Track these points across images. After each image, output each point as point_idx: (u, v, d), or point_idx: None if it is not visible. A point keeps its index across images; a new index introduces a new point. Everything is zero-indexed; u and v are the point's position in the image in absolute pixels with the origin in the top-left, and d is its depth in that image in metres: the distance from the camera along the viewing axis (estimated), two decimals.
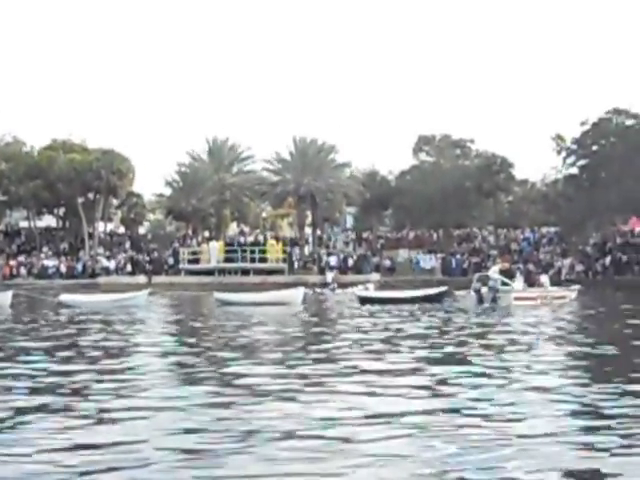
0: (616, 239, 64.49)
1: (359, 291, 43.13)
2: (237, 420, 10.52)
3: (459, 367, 15.34)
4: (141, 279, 64.32)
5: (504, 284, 37.58)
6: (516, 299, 36.51)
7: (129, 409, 11.48)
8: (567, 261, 62.23)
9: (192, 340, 22.44)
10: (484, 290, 37.43)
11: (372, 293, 43.30)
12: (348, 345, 20.26)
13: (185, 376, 15.24)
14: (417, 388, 12.92)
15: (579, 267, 61.73)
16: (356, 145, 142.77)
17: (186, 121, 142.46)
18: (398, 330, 24.21)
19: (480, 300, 36.99)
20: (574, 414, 10.80)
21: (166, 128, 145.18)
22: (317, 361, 16.88)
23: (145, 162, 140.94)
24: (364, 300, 39.70)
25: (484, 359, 16.80)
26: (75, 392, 13.21)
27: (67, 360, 17.57)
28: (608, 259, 61.64)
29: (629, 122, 63.72)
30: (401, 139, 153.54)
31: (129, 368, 16.23)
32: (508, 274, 39.08)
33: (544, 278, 40.38)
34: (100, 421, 10.79)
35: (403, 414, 10.84)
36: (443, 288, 41.18)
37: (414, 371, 15.11)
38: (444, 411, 11.02)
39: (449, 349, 18.91)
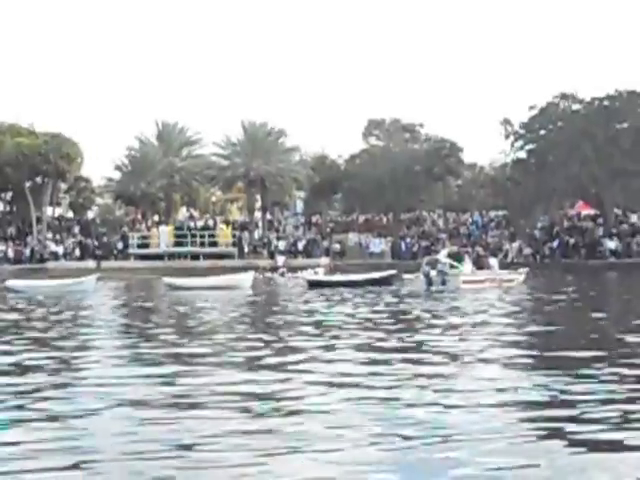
0: (563, 223, 65.01)
1: (308, 275, 43.11)
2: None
3: (399, 354, 15.18)
4: (90, 264, 63.61)
5: (453, 267, 37.72)
6: (465, 282, 36.64)
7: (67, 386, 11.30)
8: (515, 244, 62.55)
9: (137, 323, 22.20)
10: (433, 273, 37.51)
11: (321, 277, 43.37)
12: (288, 328, 20.26)
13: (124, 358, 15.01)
14: (353, 376, 12.59)
15: (527, 250, 62.07)
16: (306, 129, 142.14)
17: (135, 105, 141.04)
18: (344, 314, 24.09)
19: (429, 283, 37.09)
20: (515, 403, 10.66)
21: (115, 112, 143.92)
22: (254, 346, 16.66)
23: (94, 146, 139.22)
24: (313, 284, 39.71)
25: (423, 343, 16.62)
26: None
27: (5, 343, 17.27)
28: (555, 242, 62.09)
29: (575, 107, 64.14)
30: (351, 123, 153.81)
31: (75, 349, 16.04)
32: (457, 257, 39.20)
33: (493, 261, 40.64)
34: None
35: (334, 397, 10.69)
36: (391, 272, 41.28)
37: (351, 358, 14.73)
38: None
39: (390, 333, 18.71)
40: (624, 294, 33.49)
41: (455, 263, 38.06)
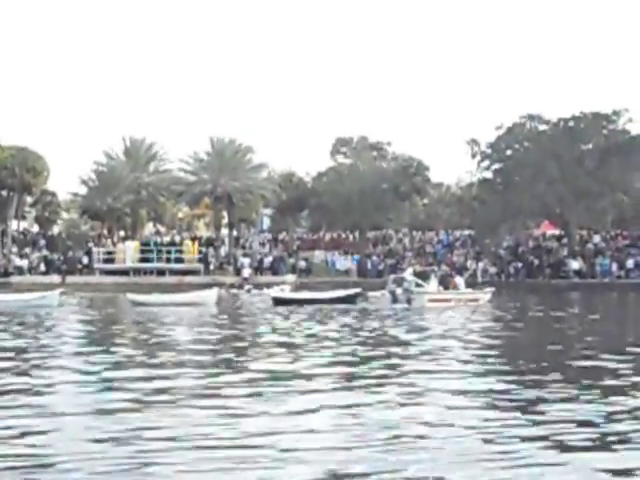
0: (528, 242, 65.07)
1: (273, 292, 42.74)
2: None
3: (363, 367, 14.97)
4: (55, 279, 62.76)
5: (418, 286, 37.48)
6: (430, 301, 36.42)
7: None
8: (481, 264, 62.47)
9: (97, 339, 21.84)
10: (399, 291, 37.26)
11: (285, 294, 42.97)
12: (251, 345, 20.10)
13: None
14: (318, 392, 12.44)
15: (492, 270, 62.09)
16: (273, 146, 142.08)
17: (102, 120, 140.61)
18: (307, 331, 23.84)
19: (395, 301, 36.85)
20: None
21: (82, 126, 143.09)
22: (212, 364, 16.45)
23: (60, 161, 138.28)
24: (278, 301, 39.35)
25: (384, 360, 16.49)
26: None
27: None
28: (520, 262, 62.15)
29: (542, 127, 64.37)
30: (319, 141, 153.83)
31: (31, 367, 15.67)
32: (423, 276, 38.96)
33: (459, 280, 40.41)
34: None
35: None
36: (356, 290, 41.01)
37: (315, 374, 14.58)
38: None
39: (353, 350, 18.52)
40: (586, 315, 33.40)
41: (420, 282, 37.82)
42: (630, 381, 13.45)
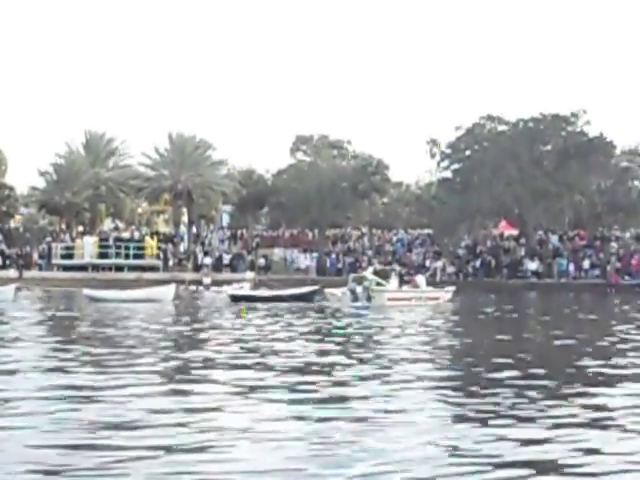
0: (486, 242, 64.93)
1: (231, 289, 42.13)
2: None
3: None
4: (12, 273, 61.67)
5: (379, 284, 37.01)
6: (390, 299, 35.98)
7: None
8: (439, 263, 62.20)
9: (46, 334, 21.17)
10: (359, 290, 36.76)
11: (243, 291, 42.35)
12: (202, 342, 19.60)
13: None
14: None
15: (450, 269, 61.88)
16: (233, 143, 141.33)
17: (61, 113, 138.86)
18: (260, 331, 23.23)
19: (355, 299, 36.38)
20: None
21: (42, 120, 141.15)
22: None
23: (19, 154, 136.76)
24: (235, 298, 38.83)
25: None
26: None
27: None
28: (479, 262, 62.02)
29: (501, 128, 64.31)
30: (279, 138, 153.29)
31: None
32: (383, 275, 38.48)
33: (420, 279, 39.99)
34: None
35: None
36: (314, 287, 40.55)
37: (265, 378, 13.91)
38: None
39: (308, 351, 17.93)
40: (540, 315, 33.16)
41: (381, 280, 37.34)
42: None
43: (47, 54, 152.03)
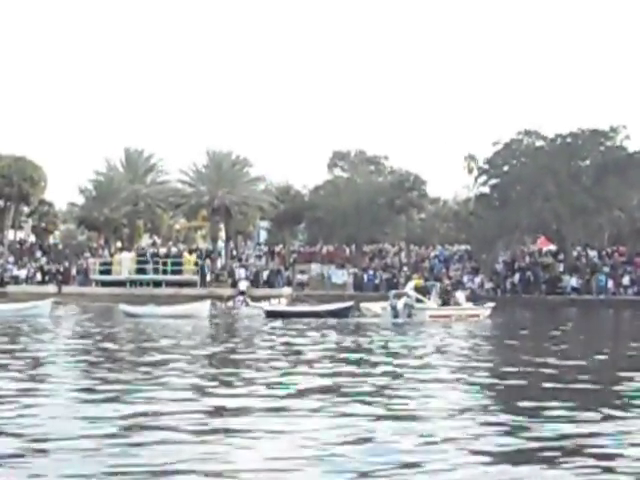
0: (525, 258, 63.81)
1: (266, 305, 41.32)
2: None
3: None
4: (51, 289, 61.49)
5: (419, 301, 36.08)
6: (431, 316, 35.05)
7: None
8: (477, 279, 61.15)
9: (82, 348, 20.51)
10: (400, 306, 35.82)
11: (278, 307, 41.48)
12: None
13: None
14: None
15: (488, 285, 60.77)
16: (271, 159, 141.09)
17: (101, 130, 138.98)
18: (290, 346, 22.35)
19: (396, 316, 35.45)
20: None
21: (81, 137, 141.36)
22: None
23: (58, 171, 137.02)
24: (270, 314, 38.07)
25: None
26: None
27: None
28: (517, 277, 60.87)
29: (539, 143, 63.33)
30: (316, 154, 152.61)
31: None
32: (423, 291, 37.53)
33: (459, 295, 39.04)
34: None
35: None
36: (349, 303, 39.67)
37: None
38: None
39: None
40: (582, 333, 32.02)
41: (421, 297, 36.40)
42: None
43: (87, 72, 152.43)
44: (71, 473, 7.86)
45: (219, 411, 11.47)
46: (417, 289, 37.50)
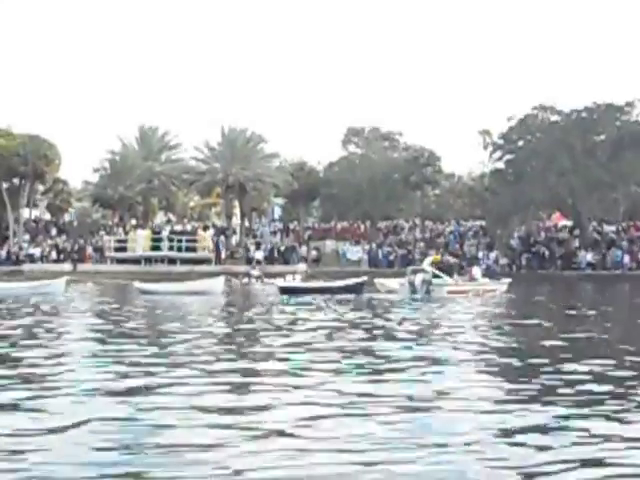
0: (540, 233, 63.22)
1: (280, 281, 40.89)
2: None
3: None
4: (66, 267, 61.12)
5: (436, 277, 35.54)
6: (449, 292, 34.52)
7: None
8: (492, 254, 60.59)
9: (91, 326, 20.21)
10: (417, 282, 35.30)
11: (292, 283, 41.03)
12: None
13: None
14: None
15: (503, 260, 60.15)
16: (285, 136, 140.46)
17: (114, 108, 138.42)
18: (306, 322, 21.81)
19: (414, 292, 34.96)
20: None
21: (94, 115, 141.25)
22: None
23: (72, 149, 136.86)
24: (284, 290, 37.71)
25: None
26: None
27: None
28: (532, 253, 60.28)
29: (554, 118, 62.74)
30: (330, 131, 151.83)
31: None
32: (441, 267, 36.97)
33: (475, 270, 38.46)
34: None
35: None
36: (362, 278, 39.19)
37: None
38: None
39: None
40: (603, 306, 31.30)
41: (438, 272, 35.85)
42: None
43: (101, 49, 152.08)
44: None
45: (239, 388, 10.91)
46: (434, 264, 36.99)
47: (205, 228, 69.54)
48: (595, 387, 10.72)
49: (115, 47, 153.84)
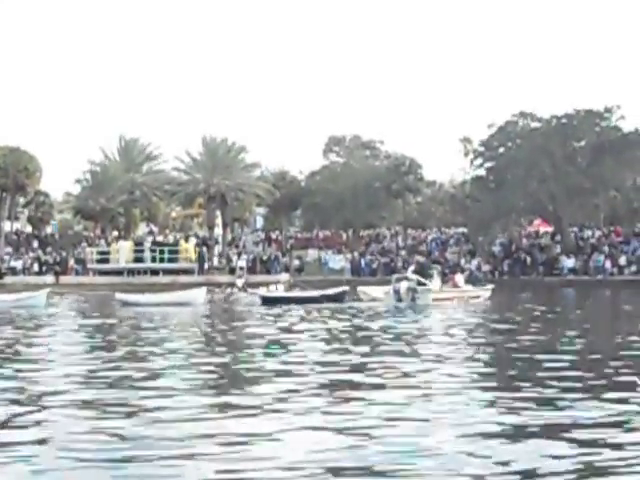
0: (521, 240, 63.11)
1: (262, 291, 40.50)
2: None
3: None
4: (48, 279, 60.62)
5: (420, 284, 35.30)
6: (434, 300, 34.29)
7: None
8: (474, 261, 60.39)
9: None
10: (403, 290, 35.04)
11: (274, 293, 40.61)
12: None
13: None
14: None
15: (486, 267, 59.95)
16: (266, 145, 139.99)
17: (96, 120, 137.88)
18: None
19: (399, 300, 34.69)
20: None
21: (75, 127, 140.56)
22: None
23: (53, 161, 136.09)
24: (266, 300, 37.30)
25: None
26: None
27: None
28: (514, 259, 60.10)
29: (534, 125, 62.69)
30: (311, 140, 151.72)
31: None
32: (424, 273, 36.68)
33: (458, 277, 38.30)
34: None
35: None
36: (344, 288, 38.89)
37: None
38: None
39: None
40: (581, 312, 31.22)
41: (422, 279, 35.59)
42: None
43: (81, 61, 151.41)
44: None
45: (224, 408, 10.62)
46: (417, 271, 36.76)
47: (187, 239, 69.04)
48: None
49: (94, 59, 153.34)
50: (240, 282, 54.03)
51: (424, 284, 35.36)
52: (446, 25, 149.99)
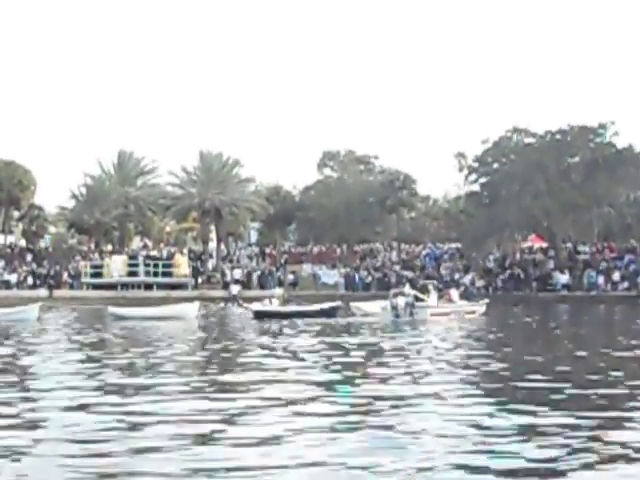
0: (515, 255, 62.76)
1: (254, 306, 40.07)
2: None
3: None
4: (42, 293, 60.08)
5: (418, 299, 34.99)
6: (432, 315, 33.99)
7: None
8: (469, 276, 59.99)
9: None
10: (401, 305, 34.65)
11: (266, 308, 40.15)
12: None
13: None
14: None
15: (480, 282, 59.54)
16: (261, 160, 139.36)
17: (91, 134, 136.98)
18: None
19: (397, 315, 34.31)
20: None
21: (70, 141, 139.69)
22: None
23: (48, 175, 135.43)
24: (258, 314, 36.90)
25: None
26: None
27: None
28: (508, 275, 59.70)
29: (528, 140, 62.45)
30: (306, 154, 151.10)
31: None
32: (422, 290, 36.48)
33: (453, 293, 38.03)
34: None
35: None
36: (336, 303, 38.52)
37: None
38: None
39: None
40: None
41: (420, 295, 35.32)
42: None
43: (77, 75, 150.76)
44: None
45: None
46: (415, 287, 36.60)
47: (181, 253, 68.60)
48: None
49: (90, 73, 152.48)
50: (236, 289, 53.82)
51: (422, 299, 35.14)
52: (440, 41, 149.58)
